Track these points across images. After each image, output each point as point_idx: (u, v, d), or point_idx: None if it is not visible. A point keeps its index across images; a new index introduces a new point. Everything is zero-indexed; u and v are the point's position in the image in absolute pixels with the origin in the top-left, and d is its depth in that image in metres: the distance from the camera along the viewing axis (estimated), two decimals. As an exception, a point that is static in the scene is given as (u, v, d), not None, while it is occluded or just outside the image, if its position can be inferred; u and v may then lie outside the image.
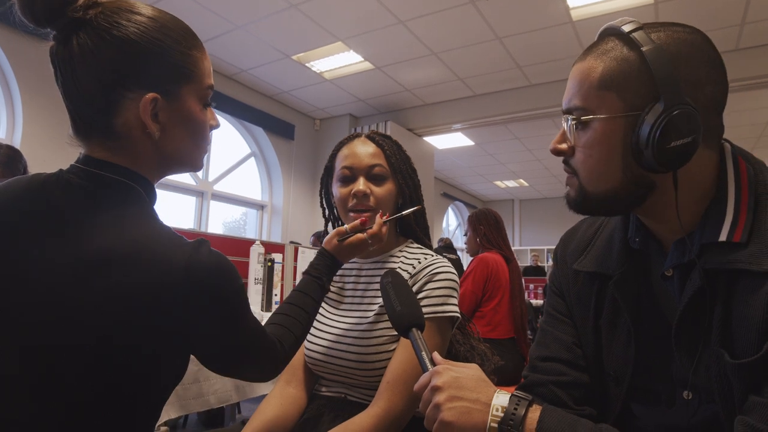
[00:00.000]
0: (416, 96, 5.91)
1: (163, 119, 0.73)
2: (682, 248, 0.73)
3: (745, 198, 0.69)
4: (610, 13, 3.95)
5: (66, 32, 0.69)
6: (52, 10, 0.68)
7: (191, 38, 0.76)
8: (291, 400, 1.14)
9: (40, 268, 0.65)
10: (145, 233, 0.68)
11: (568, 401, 0.83)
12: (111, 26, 0.69)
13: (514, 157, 8.29)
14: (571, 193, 0.79)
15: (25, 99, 3.71)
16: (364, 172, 1.15)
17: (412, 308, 0.82)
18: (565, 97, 0.76)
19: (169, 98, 0.73)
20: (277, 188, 6.32)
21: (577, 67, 0.74)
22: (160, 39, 0.72)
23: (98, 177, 0.71)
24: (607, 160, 0.72)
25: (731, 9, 3.86)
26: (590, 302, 0.86)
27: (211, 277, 0.68)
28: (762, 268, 0.63)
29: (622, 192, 0.72)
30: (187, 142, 0.77)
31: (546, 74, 5.12)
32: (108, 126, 0.71)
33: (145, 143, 0.73)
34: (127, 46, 0.69)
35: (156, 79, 0.72)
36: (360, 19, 4.21)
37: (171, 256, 0.66)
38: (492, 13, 4.05)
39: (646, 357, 0.78)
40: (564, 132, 0.77)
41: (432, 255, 1.14)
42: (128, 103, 0.70)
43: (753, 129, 6.36)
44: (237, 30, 4.41)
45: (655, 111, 0.66)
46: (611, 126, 0.70)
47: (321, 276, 1.01)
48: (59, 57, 0.70)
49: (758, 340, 0.63)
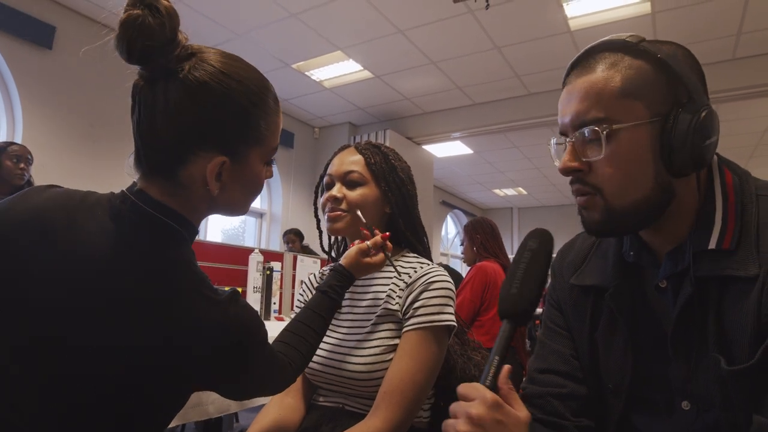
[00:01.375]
0: (415, 104, 5.93)
1: (225, 179, 0.74)
2: (675, 259, 0.74)
3: (732, 206, 0.71)
4: (608, 23, 3.98)
5: (155, 76, 0.70)
6: (149, 54, 0.68)
7: (272, 101, 0.78)
8: (289, 410, 1.13)
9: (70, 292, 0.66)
10: (183, 278, 0.69)
11: (565, 413, 0.83)
12: (200, 85, 0.69)
13: (512, 166, 8.31)
14: (594, 216, 0.75)
15: (24, 105, 3.72)
16: (341, 178, 1.17)
17: (523, 294, 0.69)
18: (574, 110, 0.73)
19: (237, 160, 0.74)
20: (276, 196, 6.33)
21: (585, 79, 0.72)
22: (244, 105, 0.73)
23: (148, 215, 0.71)
24: (638, 170, 0.71)
25: (728, 19, 3.89)
26: (586, 315, 0.86)
27: (239, 333, 0.71)
28: (749, 273, 0.65)
29: (651, 199, 0.71)
30: (241, 197, 0.79)
31: (544, 83, 5.16)
32: (172, 173, 0.72)
33: (202, 195, 0.74)
34: (211, 108, 0.70)
35: (230, 142, 0.73)
36: (359, 28, 4.24)
37: (206, 309, 0.68)
38: (491, 23, 4.07)
39: (643, 368, 0.78)
40: (573, 150, 0.74)
41: (428, 264, 1.14)
42: (198, 160, 0.71)
43: (750, 138, 6.39)
44: (237, 39, 4.44)
45: (686, 112, 0.68)
46: (638, 134, 0.70)
47: (338, 298, 1.01)
48: (142, 96, 0.70)
49: (751, 347, 0.64)
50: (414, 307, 1.05)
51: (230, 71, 0.73)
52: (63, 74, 3.92)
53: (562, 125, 0.76)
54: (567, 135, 0.76)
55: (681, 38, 3.90)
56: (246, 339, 0.72)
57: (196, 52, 0.72)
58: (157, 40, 0.67)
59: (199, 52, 0.72)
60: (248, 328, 0.73)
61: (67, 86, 3.96)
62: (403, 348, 1.03)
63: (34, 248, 0.67)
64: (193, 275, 0.70)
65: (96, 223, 0.69)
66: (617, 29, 4.44)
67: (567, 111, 0.75)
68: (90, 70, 4.00)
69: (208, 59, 0.72)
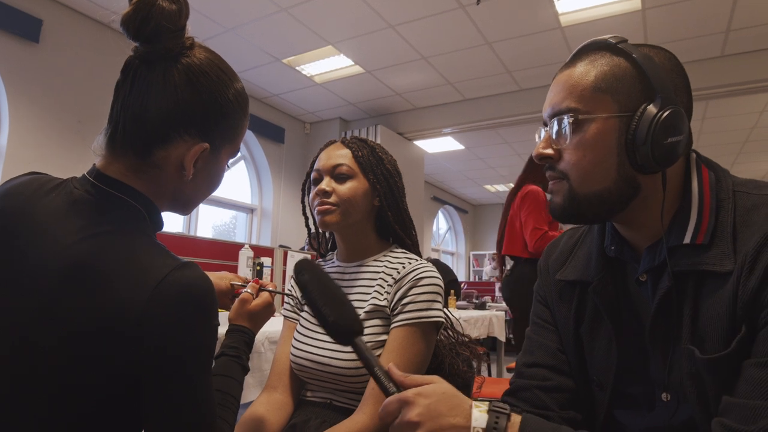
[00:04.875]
0: (406, 100, 5.92)
1: (199, 167, 0.77)
2: (654, 253, 0.76)
3: (707, 202, 0.73)
4: (598, 19, 4.00)
5: (156, 57, 0.71)
6: (159, 34, 0.70)
7: (247, 106, 0.83)
8: (277, 406, 1.13)
9: (24, 270, 0.65)
10: (132, 248, 0.67)
11: (552, 405, 0.84)
12: (202, 74, 0.73)
13: (504, 161, 8.33)
14: (557, 200, 0.79)
15: (11, 100, 3.67)
16: (329, 172, 1.16)
17: (344, 312, 0.73)
18: (551, 101, 0.78)
19: (213, 152, 0.77)
20: (267, 192, 6.30)
21: (566, 73, 0.77)
22: (231, 102, 0.77)
23: (106, 194, 0.71)
24: (602, 160, 0.74)
25: (717, 17, 3.92)
26: (571, 309, 0.88)
27: (186, 295, 0.64)
28: (724, 269, 0.68)
29: (614, 191, 0.74)
30: (203, 190, 0.82)
31: (535, 79, 5.17)
32: (147, 151, 0.73)
33: (171, 180, 0.75)
34: (206, 96, 0.74)
35: (215, 134, 0.76)
36: (350, 23, 4.22)
37: (149, 270, 0.64)
38: (482, 19, 4.07)
39: (626, 361, 0.80)
40: (548, 138, 0.79)
41: (416, 259, 1.14)
42: (180, 143, 0.73)
43: (739, 134, 6.45)
44: (227, 33, 4.40)
45: (651, 109, 0.70)
46: (606, 126, 0.73)
47: (240, 355, 0.94)
48: (137, 73, 0.72)
49: (725, 338, 0.66)
50: (402, 303, 1.06)
51: (224, 68, 0.77)
52: (50, 69, 3.86)
53: (544, 116, 0.80)
54: (546, 125, 0.79)
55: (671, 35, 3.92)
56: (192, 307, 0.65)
57: (195, 44, 0.76)
58: (172, 23, 0.70)
59: (198, 45, 0.76)
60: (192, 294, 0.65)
61: (55, 81, 3.90)
62: (391, 344, 1.04)
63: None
64: (150, 242, 0.69)
65: (52, 209, 0.69)
66: (608, 25, 4.42)
67: (547, 103, 0.79)
68: (78, 64, 3.96)
69: (205, 53, 0.76)
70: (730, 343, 0.65)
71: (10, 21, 3.57)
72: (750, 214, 0.70)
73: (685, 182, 0.77)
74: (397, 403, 0.67)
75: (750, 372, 0.62)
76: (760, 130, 6.23)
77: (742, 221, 0.70)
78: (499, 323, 3.93)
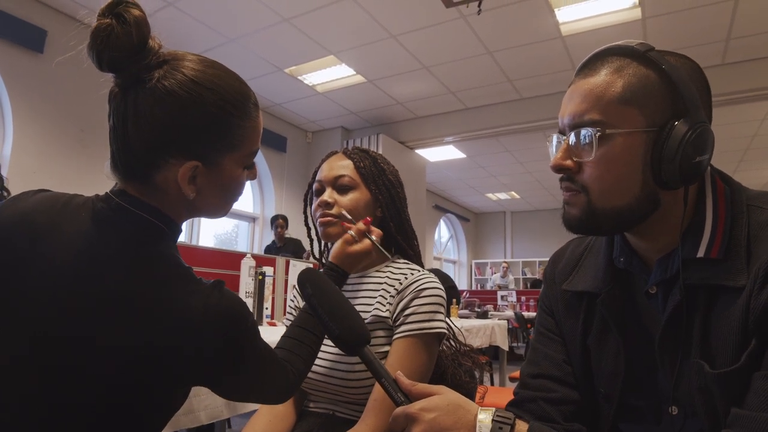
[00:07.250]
0: (408, 109, 5.95)
1: (201, 183, 0.74)
2: (665, 265, 0.75)
3: (722, 217, 0.72)
4: (598, 28, 4.02)
5: (127, 84, 0.70)
6: (117, 63, 0.68)
7: (247, 106, 0.76)
8: (280, 417, 1.13)
9: (50, 292, 0.66)
10: (164, 273, 0.69)
11: (557, 417, 0.83)
12: (167, 94, 0.68)
13: (505, 170, 8.34)
14: (573, 212, 0.76)
15: (15, 109, 3.70)
16: (331, 183, 1.16)
17: (351, 323, 0.74)
18: (572, 110, 0.74)
19: (210, 165, 0.73)
20: (268, 201, 6.31)
21: (588, 81, 0.73)
22: (214, 113, 0.72)
23: (127, 211, 0.71)
24: (626, 175, 0.71)
25: (717, 25, 3.93)
26: (579, 320, 0.86)
27: (225, 321, 0.69)
28: (738, 284, 0.66)
29: (635, 207, 0.72)
30: (219, 201, 0.79)
31: (536, 88, 5.17)
32: (147, 177, 0.72)
33: (178, 198, 0.74)
34: (178, 116, 0.69)
35: (201, 148, 0.72)
36: (352, 33, 4.25)
37: (188, 300, 0.67)
38: (483, 28, 4.09)
39: (634, 373, 0.79)
40: (567, 148, 0.75)
41: (418, 270, 1.14)
42: (169, 166, 0.71)
43: (740, 142, 6.46)
44: (230, 43, 4.43)
45: (681, 126, 0.68)
46: (632, 141, 0.70)
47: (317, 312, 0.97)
48: (115, 103, 0.70)
49: (736, 352, 0.65)
50: (405, 314, 1.05)
51: (202, 79, 0.71)
52: (54, 79, 3.90)
53: (561, 124, 0.77)
54: (564, 134, 0.76)
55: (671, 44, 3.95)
56: (233, 327, 0.70)
57: (169, 59, 0.71)
58: (124, 50, 0.66)
59: (173, 59, 0.71)
60: (233, 316, 0.70)
61: (58, 91, 3.94)
62: (393, 355, 1.03)
63: (23, 253, 0.68)
64: (175, 268, 0.70)
65: (79, 225, 0.70)
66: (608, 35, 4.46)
67: (566, 111, 0.75)
68: (81, 74, 3.97)
69: (182, 67, 0.71)
70: (740, 358, 0.64)
71: (14, 31, 3.61)
72: (764, 229, 0.68)
73: (699, 194, 0.75)
74: (404, 417, 0.68)
75: (759, 384, 0.62)
76: (762, 138, 6.24)
77: (756, 236, 0.69)
78: (502, 332, 3.91)
